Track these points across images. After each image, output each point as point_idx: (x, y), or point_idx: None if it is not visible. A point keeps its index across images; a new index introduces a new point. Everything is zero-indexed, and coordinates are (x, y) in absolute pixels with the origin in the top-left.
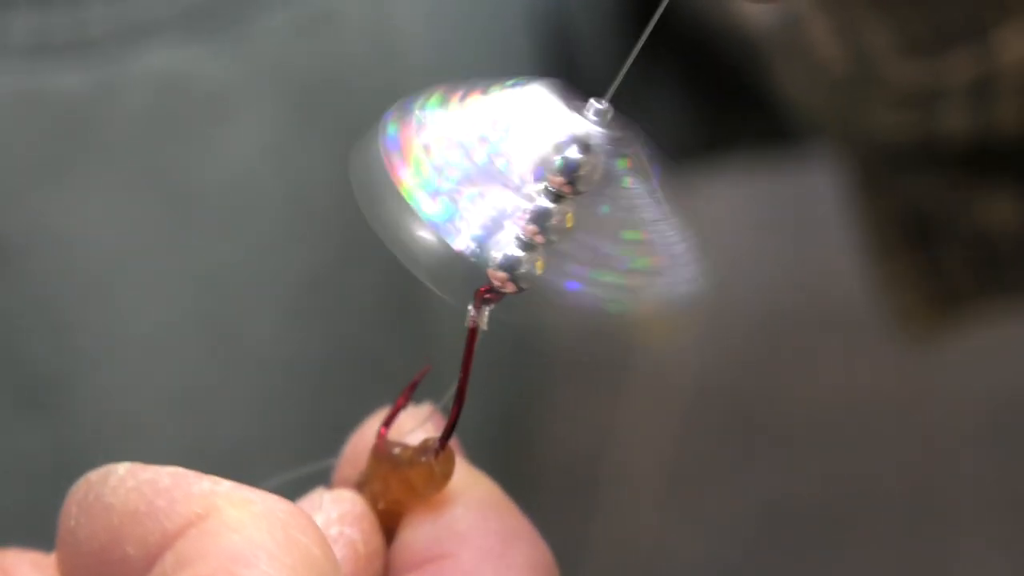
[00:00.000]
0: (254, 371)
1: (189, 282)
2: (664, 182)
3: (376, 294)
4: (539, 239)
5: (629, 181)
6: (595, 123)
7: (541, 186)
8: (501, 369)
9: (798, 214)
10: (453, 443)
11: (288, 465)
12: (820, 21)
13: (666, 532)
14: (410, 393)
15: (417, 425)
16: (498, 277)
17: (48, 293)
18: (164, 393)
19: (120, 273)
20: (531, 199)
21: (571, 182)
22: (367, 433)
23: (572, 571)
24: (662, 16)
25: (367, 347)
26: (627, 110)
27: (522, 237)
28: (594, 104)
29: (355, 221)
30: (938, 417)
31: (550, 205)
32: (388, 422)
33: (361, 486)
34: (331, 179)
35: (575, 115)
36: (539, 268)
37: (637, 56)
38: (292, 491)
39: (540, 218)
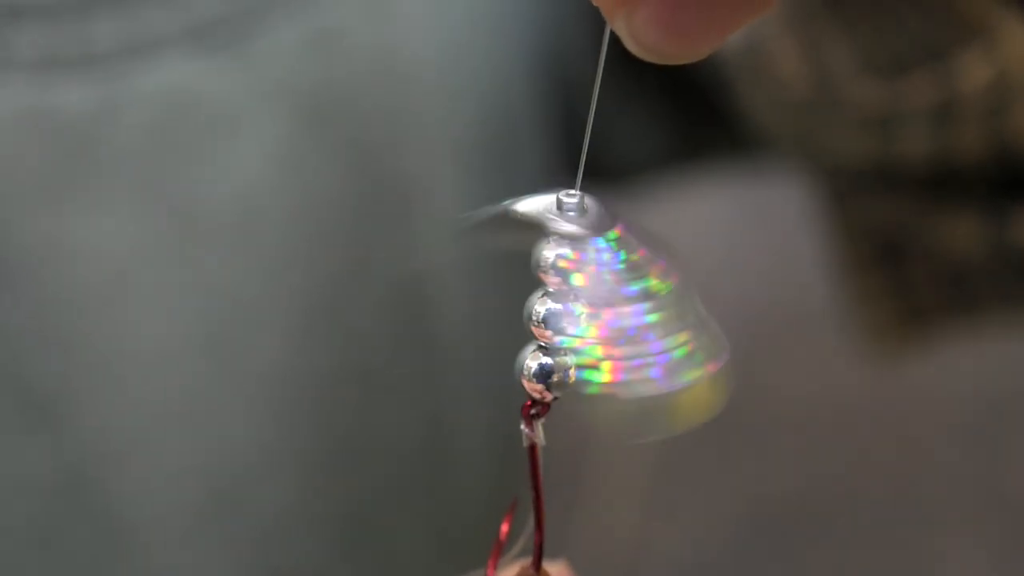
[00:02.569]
0: (260, 387)
1: (195, 299)
2: (653, 242)
3: (383, 310)
4: (557, 340)
5: (625, 256)
6: (569, 214)
7: (541, 293)
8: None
9: (778, 215)
10: (556, 568)
11: (294, 479)
12: (784, 43)
13: (647, 529)
14: (507, 532)
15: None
16: (535, 389)
17: (53, 310)
18: (169, 410)
19: (126, 290)
20: (541, 305)
21: (562, 277)
22: None
23: None
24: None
25: (374, 361)
26: (602, 126)
27: (543, 344)
28: (565, 198)
29: (361, 237)
30: (918, 416)
31: (556, 306)
32: (493, 563)
33: None
34: (337, 194)
35: (547, 214)
36: (572, 374)
37: (613, 71)
38: None
39: (552, 320)
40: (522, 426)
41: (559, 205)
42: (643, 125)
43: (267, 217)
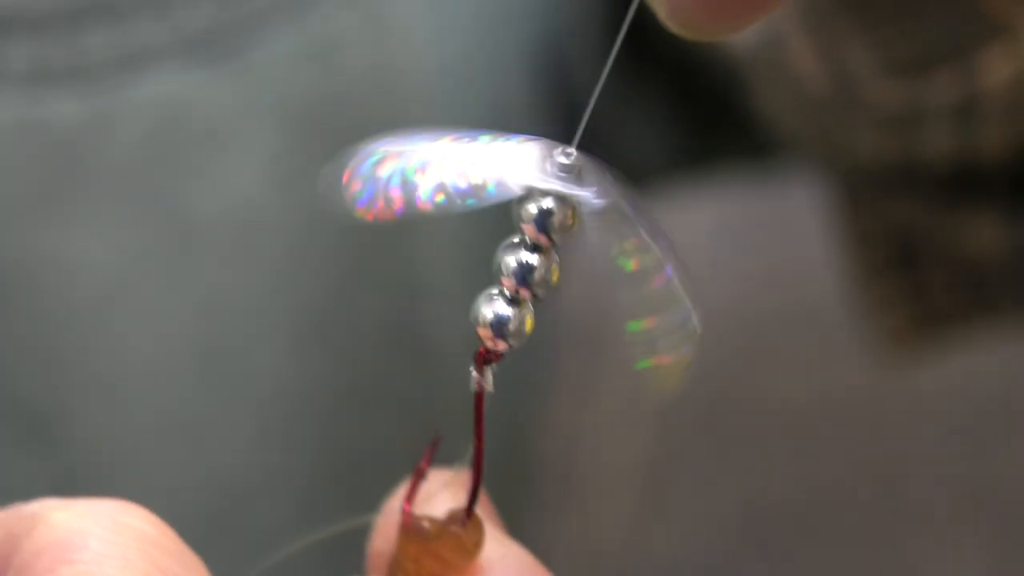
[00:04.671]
0: (256, 401)
1: (190, 312)
2: (644, 215)
3: (380, 321)
4: (524, 294)
5: (612, 223)
6: (565, 170)
7: (517, 239)
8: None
9: (775, 218)
10: (481, 509)
11: (292, 497)
12: (802, 42)
13: (640, 531)
14: (427, 464)
15: (440, 490)
16: (487, 336)
17: (46, 324)
18: (164, 425)
19: (119, 303)
20: (511, 254)
21: (545, 232)
22: (393, 509)
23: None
24: (648, 33)
25: (371, 375)
26: (611, 127)
27: (507, 293)
28: (562, 153)
29: (358, 250)
30: (914, 418)
31: (531, 259)
32: (410, 497)
33: (394, 568)
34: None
35: (544, 165)
36: (528, 324)
37: (623, 72)
38: (323, 555)
39: (522, 273)
40: (471, 369)
41: (555, 157)
42: (653, 125)
43: (262, 230)
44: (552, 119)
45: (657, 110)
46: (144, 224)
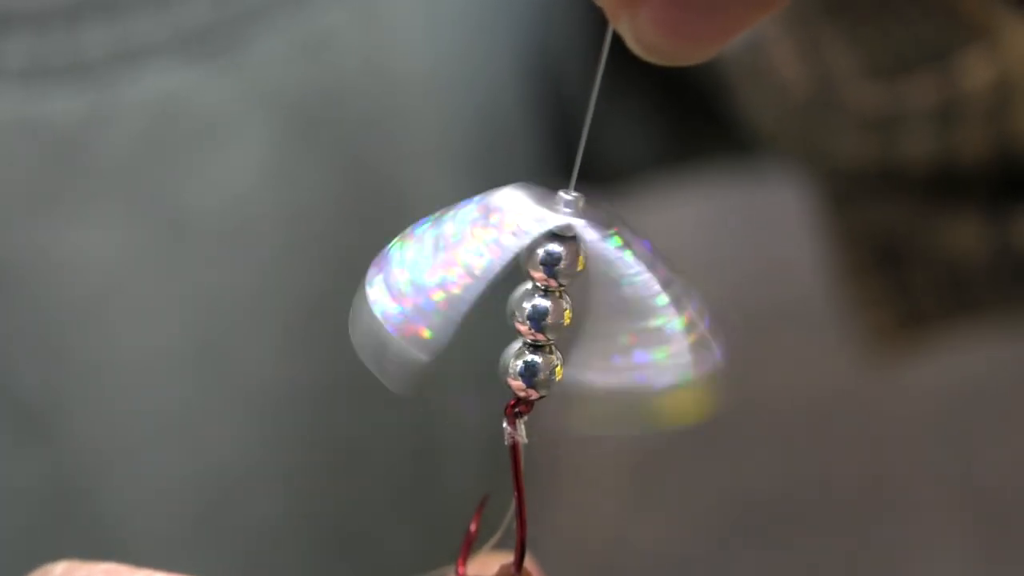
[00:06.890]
0: (250, 396)
1: (185, 307)
2: (655, 249)
3: None
4: (542, 338)
5: (627, 257)
6: (567, 213)
7: (528, 286)
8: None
9: (765, 216)
10: (528, 562)
11: (285, 491)
12: (784, 44)
13: (626, 523)
14: (477, 525)
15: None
16: (519, 387)
17: (42, 320)
18: (160, 419)
19: (115, 299)
20: (525, 302)
21: (553, 275)
22: (448, 572)
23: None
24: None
25: (364, 371)
26: (597, 127)
27: (528, 341)
28: (563, 196)
29: (352, 245)
30: (897, 412)
31: (544, 303)
32: (463, 558)
33: None
34: (328, 202)
35: (545, 210)
36: (558, 371)
37: (610, 72)
38: None
39: (536, 317)
40: (504, 424)
41: (556, 202)
42: (637, 125)
43: (257, 225)
44: (542, 114)
45: (643, 110)
46: (140, 220)
